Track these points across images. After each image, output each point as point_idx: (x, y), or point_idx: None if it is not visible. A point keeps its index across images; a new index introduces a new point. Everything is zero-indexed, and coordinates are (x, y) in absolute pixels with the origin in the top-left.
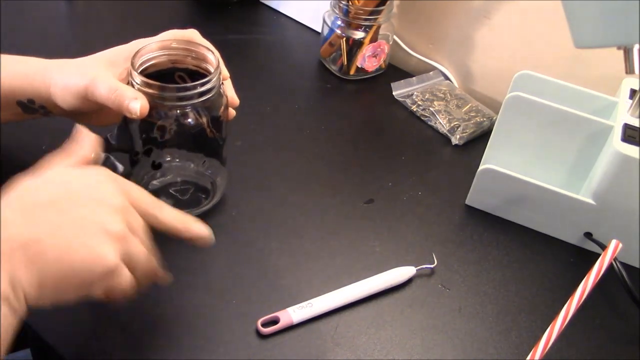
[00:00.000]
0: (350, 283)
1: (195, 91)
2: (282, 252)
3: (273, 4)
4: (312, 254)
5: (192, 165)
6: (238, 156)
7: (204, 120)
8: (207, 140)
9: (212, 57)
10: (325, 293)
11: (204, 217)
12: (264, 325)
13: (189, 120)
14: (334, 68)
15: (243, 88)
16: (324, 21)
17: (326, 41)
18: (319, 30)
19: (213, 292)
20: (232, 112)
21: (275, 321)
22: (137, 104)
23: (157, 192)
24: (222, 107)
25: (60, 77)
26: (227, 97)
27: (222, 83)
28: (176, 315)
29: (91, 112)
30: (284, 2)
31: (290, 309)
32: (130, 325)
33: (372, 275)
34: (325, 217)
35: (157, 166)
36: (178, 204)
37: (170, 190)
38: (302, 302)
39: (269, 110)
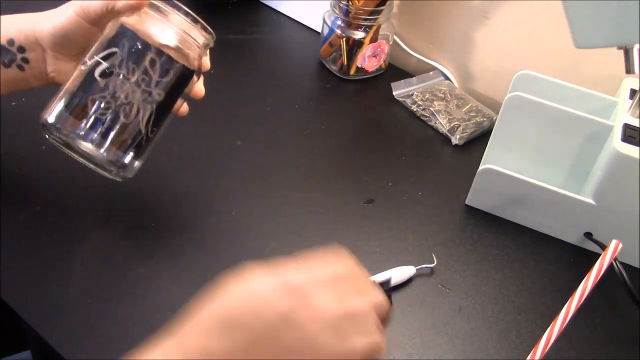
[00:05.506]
0: None
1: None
2: (282, 252)
3: (273, 4)
4: None
5: (138, 94)
6: (238, 156)
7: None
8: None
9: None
10: None
11: (199, 220)
12: None
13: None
14: (334, 68)
15: (243, 88)
16: (324, 21)
17: (326, 41)
18: (319, 30)
19: None
20: (200, 89)
21: None
22: None
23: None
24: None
25: (45, 16)
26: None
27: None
28: (176, 316)
29: (75, 44)
30: (284, 2)
31: None
32: (130, 326)
33: (372, 275)
34: (325, 217)
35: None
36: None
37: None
38: None
39: (269, 110)
